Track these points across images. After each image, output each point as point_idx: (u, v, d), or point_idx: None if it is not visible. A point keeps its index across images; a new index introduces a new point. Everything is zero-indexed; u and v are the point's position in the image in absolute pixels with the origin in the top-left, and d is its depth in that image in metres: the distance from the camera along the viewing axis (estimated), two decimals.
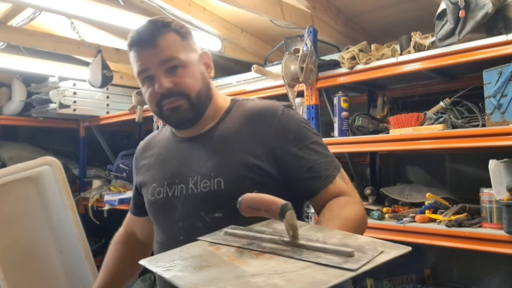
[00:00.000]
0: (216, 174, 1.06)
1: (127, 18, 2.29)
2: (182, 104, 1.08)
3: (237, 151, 1.08)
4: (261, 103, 1.16)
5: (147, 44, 1.06)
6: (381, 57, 1.94)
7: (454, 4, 1.64)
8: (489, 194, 1.62)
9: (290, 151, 1.07)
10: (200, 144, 1.13)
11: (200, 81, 1.11)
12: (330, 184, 1.06)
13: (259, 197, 0.86)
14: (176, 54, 1.07)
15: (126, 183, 3.45)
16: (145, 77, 1.09)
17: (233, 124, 1.12)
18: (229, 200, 0.98)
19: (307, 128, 1.12)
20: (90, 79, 2.89)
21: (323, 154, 1.09)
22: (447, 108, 1.91)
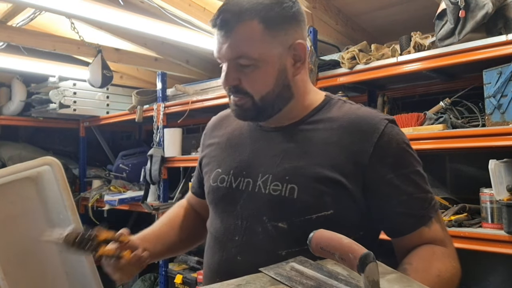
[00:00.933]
0: (291, 179, 0.93)
1: (127, 18, 2.29)
2: (245, 103, 0.97)
3: (322, 159, 0.93)
4: (362, 110, 0.99)
5: (221, 28, 0.93)
6: (381, 57, 1.94)
7: (454, 4, 1.64)
8: (489, 194, 1.62)
9: (385, 176, 0.91)
10: (281, 138, 1.00)
11: (271, 82, 0.95)
12: (425, 226, 0.90)
13: (335, 239, 0.73)
14: (249, 51, 0.92)
15: (126, 183, 3.46)
16: (221, 63, 0.98)
17: (324, 127, 0.97)
18: (299, 212, 0.90)
19: (410, 153, 0.95)
20: (90, 79, 2.89)
21: (422, 188, 0.93)
22: (447, 108, 1.91)
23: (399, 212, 0.91)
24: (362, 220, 0.94)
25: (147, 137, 4.14)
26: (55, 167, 1.32)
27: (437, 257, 0.88)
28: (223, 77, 0.97)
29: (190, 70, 3.39)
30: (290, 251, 0.90)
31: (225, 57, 0.94)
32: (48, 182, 1.31)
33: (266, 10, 0.92)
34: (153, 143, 3.00)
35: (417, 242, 0.90)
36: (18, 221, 1.29)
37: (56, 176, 1.32)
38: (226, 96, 1.07)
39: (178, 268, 2.91)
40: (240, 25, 0.91)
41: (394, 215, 0.91)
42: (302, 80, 1.00)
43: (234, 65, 0.94)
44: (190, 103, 2.77)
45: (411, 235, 0.91)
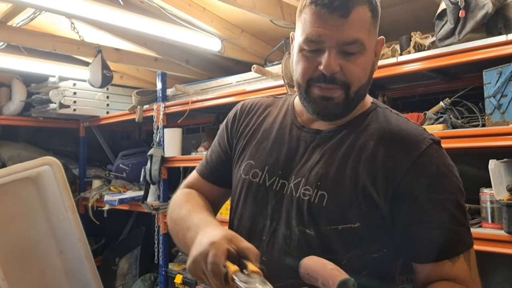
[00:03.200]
0: (322, 185, 0.89)
1: (127, 18, 2.29)
2: (337, 96, 0.89)
3: (356, 170, 0.88)
4: (407, 125, 0.92)
5: (336, 9, 0.83)
6: (381, 57, 1.94)
7: (454, 4, 1.64)
8: (489, 194, 1.62)
9: (417, 198, 0.85)
10: (319, 141, 0.95)
11: (368, 73, 0.92)
12: (449, 260, 0.83)
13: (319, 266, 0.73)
14: (362, 36, 0.86)
15: (126, 183, 3.46)
16: (312, 48, 0.88)
17: (365, 136, 0.92)
18: (327, 221, 0.87)
19: (450, 178, 0.87)
20: (90, 79, 2.89)
21: (457, 219, 0.85)
22: (447, 108, 1.91)
23: (424, 239, 0.85)
24: (387, 238, 0.89)
25: (147, 137, 4.14)
26: (55, 167, 1.33)
27: None
28: (324, 62, 0.86)
29: (190, 70, 3.39)
30: None
31: (335, 40, 0.85)
32: (48, 182, 1.32)
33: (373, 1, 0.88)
34: (153, 143, 3.00)
35: (436, 275, 0.84)
36: (18, 221, 1.29)
37: (56, 176, 1.32)
38: (226, 96, 1.05)
39: (178, 268, 2.91)
40: (357, 8, 0.85)
41: (418, 240, 0.86)
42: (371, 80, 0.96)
43: (338, 51, 0.86)
44: (190, 103, 2.77)
45: (431, 265, 0.84)
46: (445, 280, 0.83)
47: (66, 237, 1.31)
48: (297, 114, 1.03)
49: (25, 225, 1.31)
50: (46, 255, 1.31)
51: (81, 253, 1.32)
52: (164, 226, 2.96)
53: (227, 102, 2.52)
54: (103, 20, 2.24)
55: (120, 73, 3.62)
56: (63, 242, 1.32)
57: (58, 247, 1.31)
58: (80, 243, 1.27)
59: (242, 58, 2.93)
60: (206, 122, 3.57)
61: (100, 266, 3.48)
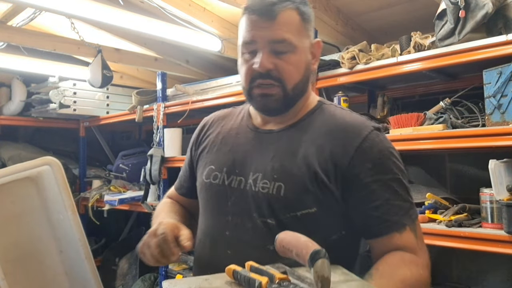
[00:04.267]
0: (278, 177, 0.97)
1: (127, 18, 2.29)
2: (275, 93, 0.99)
3: (308, 160, 0.97)
4: (350, 116, 1.03)
5: (264, 14, 0.96)
6: (381, 57, 1.94)
7: (454, 4, 1.64)
8: (489, 194, 1.62)
9: (363, 180, 0.94)
10: (273, 139, 1.04)
11: (302, 72, 1.01)
12: (397, 232, 0.92)
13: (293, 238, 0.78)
14: (290, 36, 0.96)
15: (126, 183, 3.46)
16: (249, 50, 0.99)
17: (313, 130, 1.02)
18: (285, 209, 0.94)
19: (392, 160, 0.97)
20: (90, 79, 2.89)
21: (400, 195, 0.95)
22: (447, 108, 1.91)
23: (373, 216, 0.93)
24: (344, 220, 0.98)
25: (147, 137, 4.14)
26: (55, 167, 1.32)
27: (405, 263, 0.89)
28: (258, 61, 0.97)
29: (190, 70, 3.39)
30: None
31: (266, 40, 0.96)
32: (48, 182, 1.31)
33: (301, 4, 1.00)
34: (153, 143, 3.00)
35: (388, 247, 0.93)
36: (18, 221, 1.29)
37: (56, 176, 1.32)
38: (226, 96, 1.10)
39: (178, 268, 2.91)
40: (284, 11, 0.96)
41: (368, 217, 0.94)
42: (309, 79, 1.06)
43: (271, 50, 0.97)
44: (190, 103, 2.77)
45: (382, 239, 0.93)
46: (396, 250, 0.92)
47: (66, 237, 1.31)
48: (252, 118, 1.12)
49: (25, 225, 1.31)
50: (46, 255, 1.31)
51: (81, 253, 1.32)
52: None
53: (227, 102, 2.52)
54: (103, 20, 2.24)
55: (120, 73, 3.62)
56: (63, 242, 1.31)
57: (58, 247, 1.31)
58: (80, 243, 1.27)
59: None
60: None
61: (100, 266, 3.48)
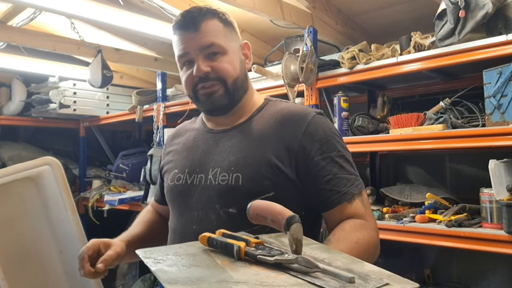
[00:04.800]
0: (236, 169, 1.06)
1: (127, 18, 2.29)
2: (217, 90, 1.09)
3: (261, 149, 1.06)
4: (294, 106, 1.15)
5: (189, 27, 1.07)
6: (381, 57, 1.94)
7: (454, 4, 1.64)
8: (489, 194, 1.62)
9: (313, 159, 1.04)
10: (227, 137, 1.13)
11: (238, 69, 1.12)
12: (347, 202, 1.03)
13: (269, 206, 0.83)
14: (217, 40, 1.08)
15: (126, 183, 3.45)
16: (184, 61, 1.11)
17: (262, 123, 1.11)
18: (245, 197, 0.97)
19: (335, 139, 1.09)
20: (90, 79, 2.89)
21: (346, 169, 1.06)
22: (447, 108, 1.91)
23: (325, 189, 1.03)
24: (302, 200, 1.06)
25: (147, 137, 4.14)
26: (55, 167, 1.32)
27: (356, 228, 1.00)
28: (195, 68, 1.08)
29: None
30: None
31: (195, 48, 1.07)
32: (48, 182, 1.31)
33: (219, 13, 1.12)
34: (153, 143, 3.00)
35: (341, 216, 1.03)
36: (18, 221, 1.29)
37: (56, 176, 1.32)
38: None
39: None
40: (205, 21, 1.08)
41: (320, 191, 1.04)
42: (249, 78, 1.19)
43: (203, 56, 1.08)
44: (190, 103, 2.76)
45: (335, 209, 1.03)
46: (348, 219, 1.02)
47: (66, 237, 1.31)
48: (206, 122, 1.22)
49: (25, 225, 1.31)
50: (46, 255, 1.30)
51: None
52: None
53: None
54: (103, 20, 2.25)
55: (120, 73, 3.62)
56: (63, 242, 1.31)
57: (58, 247, 1.31)
58: (80, 243, 1.27)
59: None
60: None
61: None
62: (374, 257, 1.00)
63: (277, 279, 0.68)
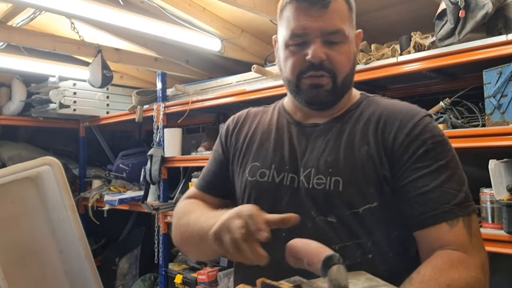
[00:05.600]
0: (334, 171, 0.90)
1: (127, 18, 2.29)
2: (326, 84, 0.93)
3: (362, 150, 0.91)
4: (400, 104, 0.99)
5: (316, 1, 0.89)
6: (381, 57, 1.94)
7: (454, 4, 1.64)
8: (489, 194, 1.62)
9: (412, 166, 0.87)
10: (320, 132, 0.98)
11: (352, 63, 0.97)
12: (446, 223, 0.82)
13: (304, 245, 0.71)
14: (343, 26, 0.92)
15: (126, 183, 3.46)
16: (298, 41, 0.92)
17: (362, 121, 0.96)
18: (345, 205, 0.88)
19: (445, 148, 0.90)
20: (90, 79, 2.89)
21: (452, 184, 0.85)
22: (447, 108, 1.91)
23: (420, 202, 0.85)
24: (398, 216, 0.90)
25: (147, 137, 4.14)
26: (55, 167, 1.32)
27: (452, 264, 0.78)
28: (311, 52, 0.90)
29: (190, 70, 3.39)
30: (342, 245, 0.87)
31: (319, 31, 0.90)
32: (48, 182, 1.31)
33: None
34: (153, 143, 3.00)
35: (435, 241, 0.83)
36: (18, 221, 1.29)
37: (56, 176, 1.32)
38: (226, 96, 1.05)
39: (178, 268, 2.91)
40: (335, 1, 0.91)
41: (414, 205, 0.85)
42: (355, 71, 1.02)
43: (323, 41, 0.91)
44: (190, 103, 2.77)
45: (429, 230, 0.83)
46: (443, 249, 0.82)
47: (66, 237, 1.31)
48: (292, 114, 1.05)
49: (25, 225, 1.31)
50: (46, 255, 1.31)
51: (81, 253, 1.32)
52: (164, 226, 2.96)
53: (227, 102, 2.52)
54: (103, 20, 2.24)
55: (120, 73, 3.62)
56: (63, 242, 1.31)
57: (58, 247, 1.31)
58: (80, 243, 1.27)
59: (242, 58, 2.93)
60: (206, 122, 3.57)
61: (100, 266, 3.48)
62: None
63: None
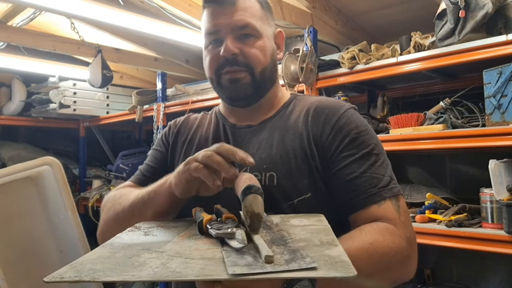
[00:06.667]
0: (268, 167, 0.94)
1: (127, 18, 2.29)
2: (243, 77, 0.97)
3: (293, 145, 0.95)
4: (325, 99, 1.04)
5: (224, 1, 0.95)
6: (381, 57, 1.94)
7: (454, 4, 1.64)
8: (489, 194, 1.62)
9: (340, 154, 0.91)
10: (254, 133, 1.02)
11: (269, 57, 1.00)
12: (375, 204, 0.86)
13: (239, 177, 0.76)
14: (253, 21, 0.96)
15: None
16: (212, 39, 0.98)
17: (292, 118, 1.00)
18: (282, 199, 0.91)
19: (369, 136, 0.95)
20: (90, 79, 2.89)
21: (378, 169, 0.90)
22: (447, 108, 1.91)
23: (349, 190, 0.89)
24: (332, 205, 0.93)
25: (147, 137, 4.14)
26: (55, 167, 1.32)
27: (379, 230, 0.82)
28: (223, 48, 0.95)
29: (190, 70, 3.39)
30: None
31: (229, 27, 0.95)
32: (48, 182, 1.32)
33: None
34: (153, 143, 3.00)
35: (366, 219, 0.86)
36: (18, 221, 1.29)
37: (56, 176, 1.32)
38: None
39: None
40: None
41: (345, 192, 0.90)
42: (278, 70, 1.06)
43: (235, 36, 0.96)
44: (190, 103, 2.77)
45: (360, 213, 0.87)
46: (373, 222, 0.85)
47: (66, 237, 1.31)
48: (227, 117, 1.09)
49: (25, 225, 1.31)
50: (46, 255, 1.31)
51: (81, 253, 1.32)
52: None
53: None
54: (103, 20, 2.24)
55: (120, 73, 3.62)
56: (63, 242, 1.31)
57: (58, 247, 1.31)
58: (80, 243, 1.27)
59: None
60: None
61: None
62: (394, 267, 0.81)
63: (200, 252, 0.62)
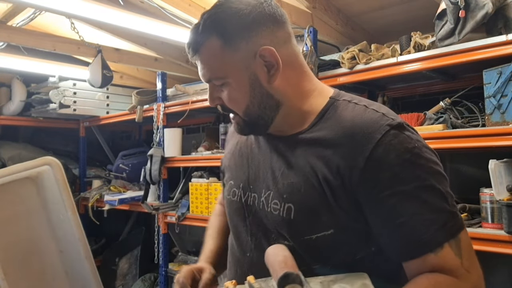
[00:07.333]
0: (288, 197, 0.87)
1: (127, 18, 2.29)
2: (238, 120, 0.94)
3: (316, 177, 0.84)
4: (360, 116, 0.84)
5: (192, 52, 0.92)
6: (381, 57, 1.94)
7: (454, 4, 1.64)
8: (489, 194, 1.62)
9: (379, 195, 0.77)
10: (284, 148, 0.93)
11: (247, 96, 0.89)
12: (430, 253, 0.75)
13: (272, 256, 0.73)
14: (216, 70, 0.90)
15: (126, 183, 3.46)
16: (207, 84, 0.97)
17: (320, 138, 0.87)
18: (299, 233, 0.86)
19: (417, 163, 0.78)
20: (90, 79, 2.89)
21: (431, 206, 0.76)
22: (447, 108, 1.92)
23: (397, 237, 0.77)
24: (370, 236, 0.83)
25: (147, 137, 4.14)
26: (55, 167, 1.32)
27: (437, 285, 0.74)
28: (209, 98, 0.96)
29: (190, 70, 3.39)
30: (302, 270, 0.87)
31: (204, 80, 0.94)
32: (48, 182, 1.31)
33: (223, 23, 0.87)
34: (153, 143, 3.00)
35: (422, 269, 0.76)
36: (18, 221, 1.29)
37: (56, 176, 1.32)
38: None
39: (178, 268, 2.91)
40: (204, 44, 0.88)
41: (392, 239, 0.79)
42: (290, 85, 0.91)
43: (212, 86, 0.93)
44: (190, 103, 2.77)
45: (413, 262, 0.77)
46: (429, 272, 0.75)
47: (66, 237, 1.31)
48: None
49: (25, 225, 1.31)
50: (46, 255, 1.30)
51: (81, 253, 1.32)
52: (164, 226, 2.96)
53: None
54: (103, 20, 2.24)
55: (120, 73, 3.62)
56: (63, 242, 1.31)
57: (58, 247, 1.31)
58: (80, 243, 1.27)
59: None
60: (206, 122, 3.57)
61: (100, 266, 3.48)
62: None
63: None
